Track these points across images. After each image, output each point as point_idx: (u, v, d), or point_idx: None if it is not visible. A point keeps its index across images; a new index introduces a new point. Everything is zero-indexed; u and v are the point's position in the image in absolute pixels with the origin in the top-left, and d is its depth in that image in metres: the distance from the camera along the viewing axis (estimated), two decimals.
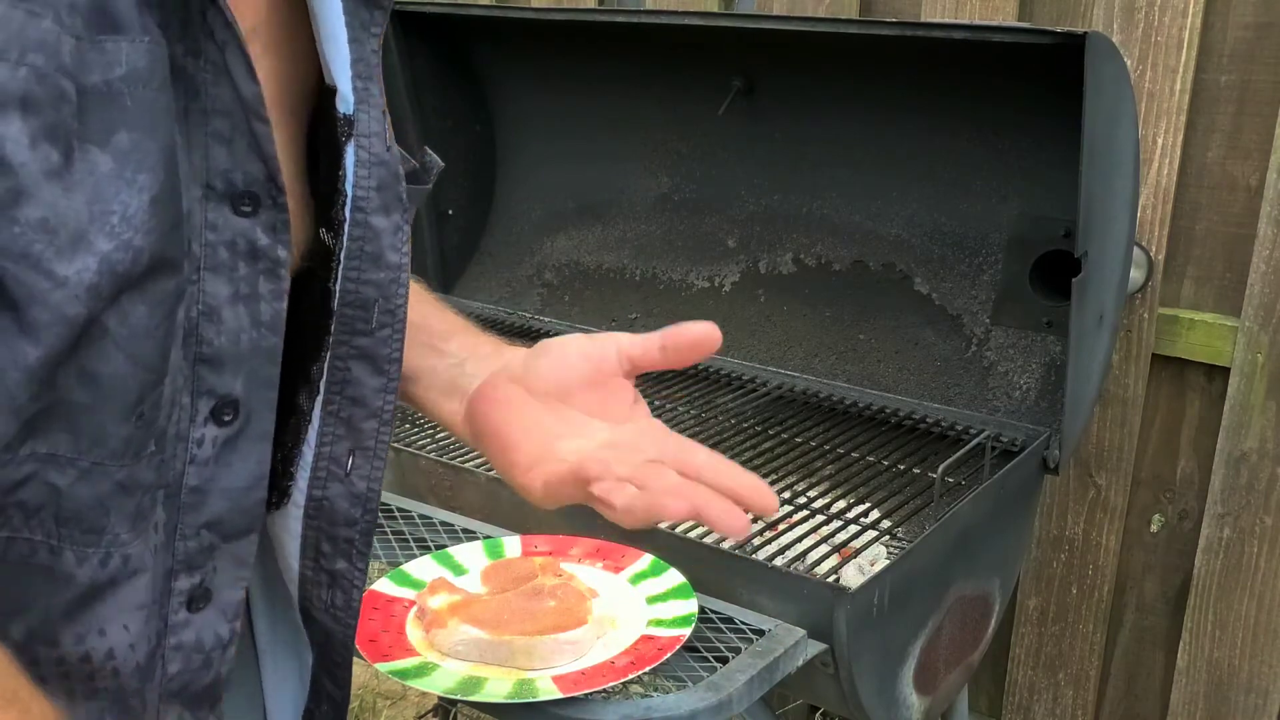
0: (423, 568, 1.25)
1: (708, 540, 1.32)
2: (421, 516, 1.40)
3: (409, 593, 1.20)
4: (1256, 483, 1.78)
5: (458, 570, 1.26)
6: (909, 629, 1.35)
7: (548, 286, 2.14)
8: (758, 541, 1.38)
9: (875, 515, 1.46)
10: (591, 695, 1.06)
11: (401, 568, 1.25)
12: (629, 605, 1.19)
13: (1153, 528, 1.93)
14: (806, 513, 1.46)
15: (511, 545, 1.31)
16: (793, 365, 1.88)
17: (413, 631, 1.14)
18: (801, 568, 1.32)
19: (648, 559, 1.27)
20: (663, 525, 1.37)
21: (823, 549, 1.37)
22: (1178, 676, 1.91)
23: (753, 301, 1.94)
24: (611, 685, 1.07)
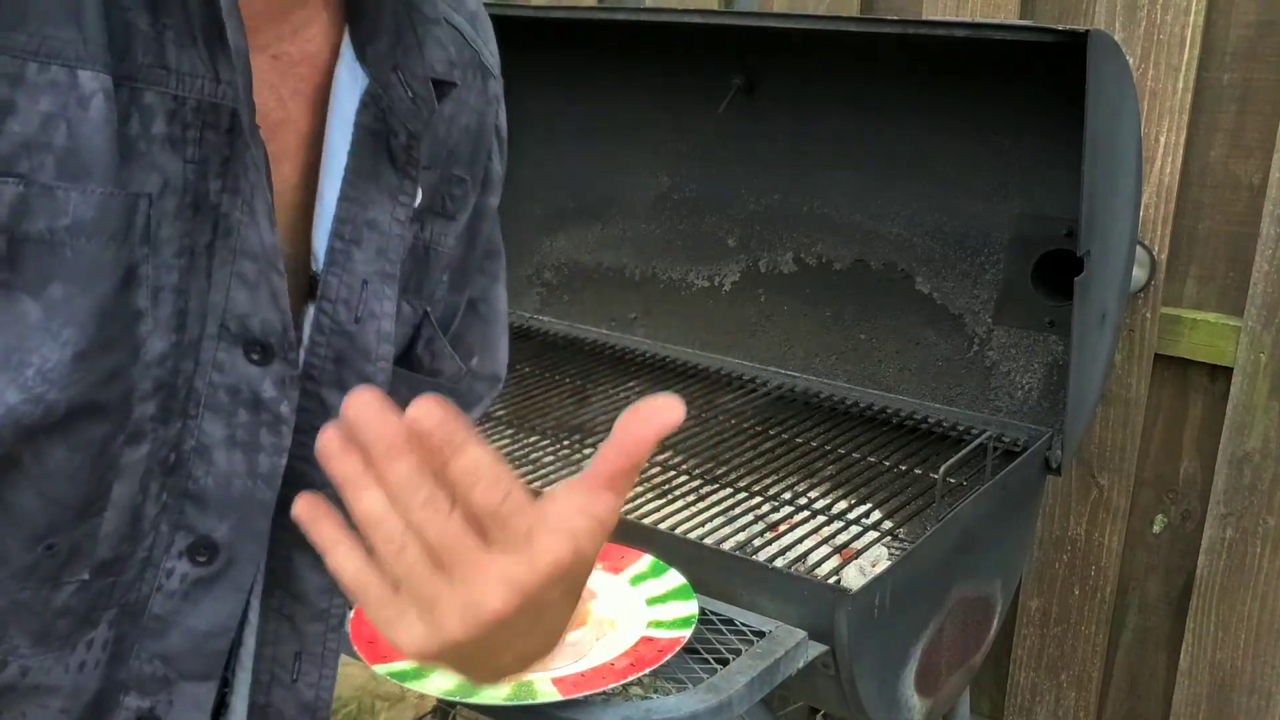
0: None
1: (708, 541, 1.31)
2: None
3: None
4: (1259, 483, 1.77)
5: None
6: (910, 630, 1.34)
7: (547, 286, 2.13)
8: (758, 543, 1.37)
9: (876, 516, 1.46)
10: (591, 697, 1.06)
11: None
12: (629, 607, 1.19)
13: (1155, 528, 1.92)
14: (807, 513, 1.45)
15: None
16: (793, 365, 1.87)
17: None
18: (802, 569, 1.31)
19: (648, 560, 1.26)
20: (663, 526, 1.37)
21: (824, 550, 1.37)
22: (1180, 678, 1.91)
23: (753, 301, 1.93)
24: (611, 687, 1.06)
